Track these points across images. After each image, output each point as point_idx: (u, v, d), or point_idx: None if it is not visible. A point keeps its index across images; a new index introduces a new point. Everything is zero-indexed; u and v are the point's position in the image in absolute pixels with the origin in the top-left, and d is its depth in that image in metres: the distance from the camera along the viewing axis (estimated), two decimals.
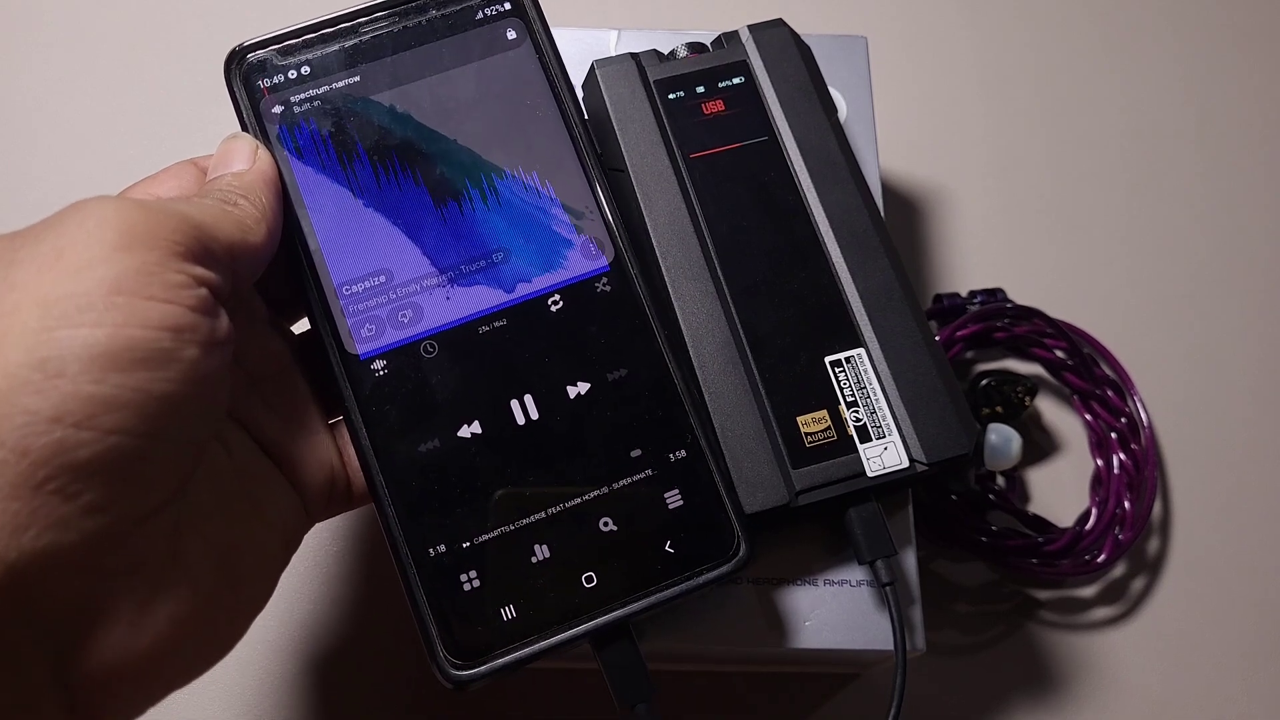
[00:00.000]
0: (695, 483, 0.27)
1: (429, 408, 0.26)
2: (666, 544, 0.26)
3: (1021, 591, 0.39)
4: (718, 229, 0.32)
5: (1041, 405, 0.42)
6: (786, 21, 0.35)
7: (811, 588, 0.30)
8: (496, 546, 0.26)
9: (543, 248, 0.28)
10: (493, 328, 0.27)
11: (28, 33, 0.48)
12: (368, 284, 0.27)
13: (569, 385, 0.27)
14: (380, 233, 0.27)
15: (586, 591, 0.26)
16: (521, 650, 0.25)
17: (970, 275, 0.44)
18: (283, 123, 0.28)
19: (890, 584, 0.29)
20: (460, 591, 0.25)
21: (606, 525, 0.26)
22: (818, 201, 0.32)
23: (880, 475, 0.29)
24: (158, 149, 0.45)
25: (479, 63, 0.29)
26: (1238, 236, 0.46)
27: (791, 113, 0.33)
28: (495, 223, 0.28)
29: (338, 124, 0.28)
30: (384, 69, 0.28)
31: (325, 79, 0.28)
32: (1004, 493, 0.39)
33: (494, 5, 0.29)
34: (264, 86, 0.28)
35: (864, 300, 0.31)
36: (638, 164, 0.32)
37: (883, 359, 0.30)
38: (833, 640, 0.30)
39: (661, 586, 0.26)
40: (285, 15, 0.49)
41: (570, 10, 0.49)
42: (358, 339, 0.27)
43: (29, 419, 0.20)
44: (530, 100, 0.28)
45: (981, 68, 0.49)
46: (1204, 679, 0.38)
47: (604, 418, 0.27)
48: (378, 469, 0.26)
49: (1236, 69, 0.50)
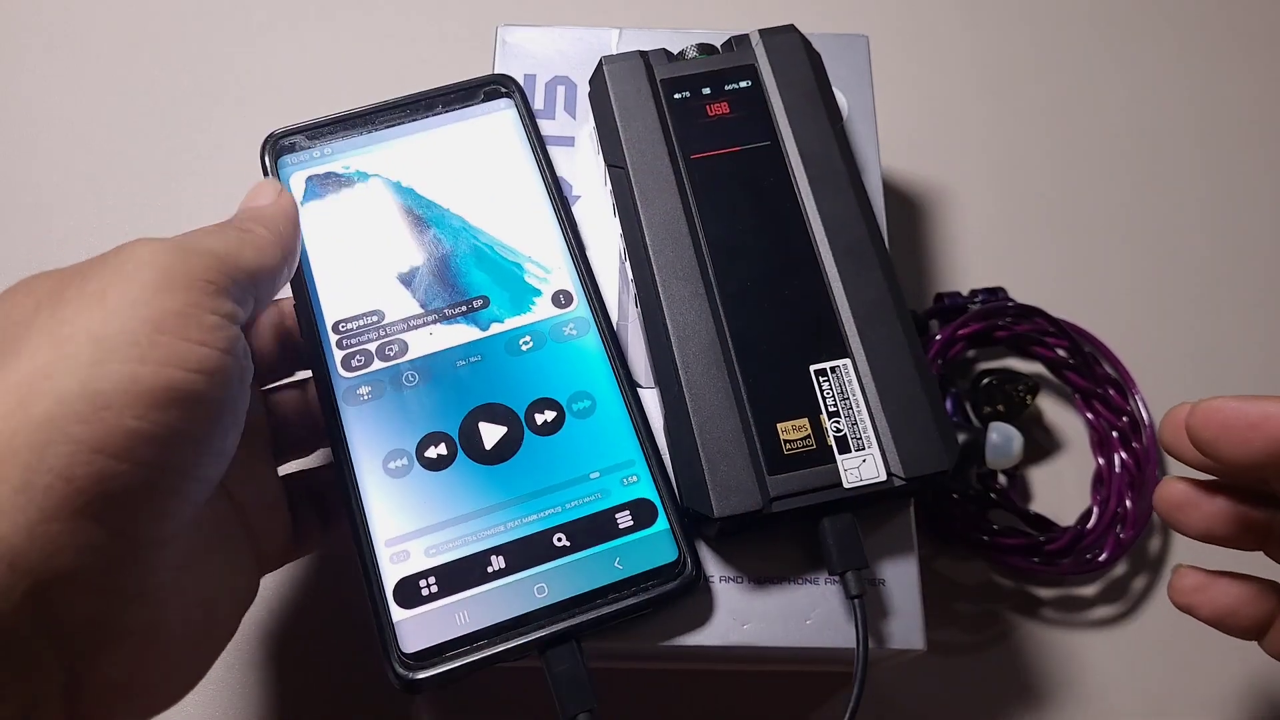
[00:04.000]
0: (645, 506, 0.29)
1: (405, 428, 0.29)
2: (615, 561, 0.28)
3: (1023, 590, 0.39)
4: (713, 231, 0.32)
5: (1043, 404, 0.42)
6: (797, 27, 0.35)
7: (812, 586, 0.30)
8: (457, 557, 0.28)
9: (515, 295, 0.31)
10: (469, 361, 0.30)
11: (27, 33, 0.48)
12: (362, 321, 0.31)
13: (536, 414, 0.30)
14: (376, 279, 0.31)
15: (538, 602, 0.27)
16: (471, 656, 0.27)
17: (971, 274, 0.44)
18: (304, 194, 0.33)
19: (859, 596, 0.28)
20: (419, 597, 0.27)
21: (560, 541, 0.28)
22: (815, 210, 0.32)
23: (857, 487, 0.29)
24: (158, 148, 0.45)
25: (471, 139, 0.33)
26: (1239, 235, 0.46)
27: (796, 119, 0.33)
28: (476, 275, 0.32)
29: (349, 193, 0.33)
30: (392, 149, 0.33)
31: (342, 157, 0.33)
32: (1005, 491, 0.39)
33: (486, 88, 0.34)
34: (291, 162, 0.33)
35: (854, 311, 0.30)
36: (638, 161, 0.32)
37: (868, 371, 0.30)
38: (833, 639, 0.30)
39: (609, 601, 0.28)
40: (285, 15, 0.49)
41: (571, 10, 0.49)
42: (347, 367, 0.30)
43: (75, 448, 0.21)
44: (514, 171, 0.33)
45: (983, 67, 0.49)
46: (1204, 679, 0.38)
47: (564, 443, 0.30)
48: (355, 482, 0.29)
49: (1238, 67, 0.50)
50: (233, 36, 0.48)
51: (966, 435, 0.37)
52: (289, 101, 0.47)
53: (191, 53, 0.48)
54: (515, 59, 0.37)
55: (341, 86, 0.47)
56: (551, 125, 0.36)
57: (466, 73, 0.47)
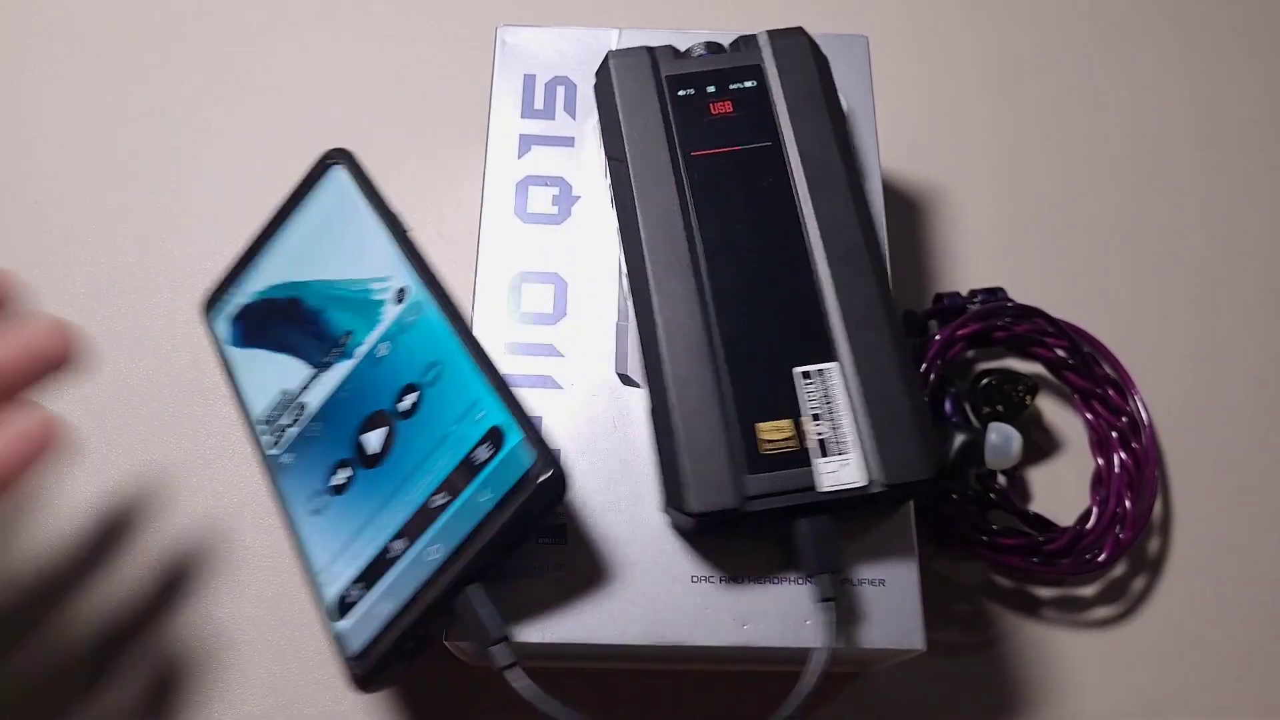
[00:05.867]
0: (496, 433, 0.30)
1: (318, 471, 0.33)
2: (485, 493, 0.29)
3: (1022, 591, 0.39)
4: (708, 228, 0.32)
5: (1042, 404, 0.42)
6: (806, 30, 0.35)
7: (813, 587, 0.30)
8: (369, 558, 0.30)
9: (369, 315, 0.34)
10: (349, 391, 0.33)
11: (27, 33, 0.48)
12: (276, 404, 0.35)
13: (399, 402, 0.32)
14: (280, 365, 0.35)
15: (433, 565, 0.29)
16: (393, 636, 0.29)
17: (971, 274, 0.44)
18: (223, 324, 0.38)
19: (831, 599, 0.28)
20: (350, 605, 0.30)
21: (439, 500, 0.30)
22: (812, 212, 0.32)
23: (834, 491, 0.29)
24: (157, 148, 0.45)
25: (319, 213, 0.36)
26: (1239, 235, 0.46)
27: (798, 121, 0.33)
28: (340, 317, 0.34)
29: (255, 312, 0.37)
30: (274, 258, 0.37)
31: (245, 288, 0.37)
32: (1005, 492, 0.39)
33: (321, 165, 0.37)
34: (218, 313, 0.38)
35: (844, 316, 0.30)
36: (637, 155, 0.32)
37: (854, 376, 0.30)
38: (833, 640, 0.30)
39: (488, 532, 0.28)
40: (285, 15, 0.49)
41: (571, 10, 0.50)
42: (274, 445, 0.34)
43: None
44: (352, 217, 0.36)
45: (982, 67, 0.49)
46: (1204, 679, 0.38)
47: (426, 415, 0.31)
48: (295, 532, 0.33)
49: (1238, 68, 0.50)
50: (232, 36, 0.48)
51: (966, 435, 0.37)
52: (289, 101, 0.47)
53: (191, 53, 0.48)
54: (515, 59, 0.38)
55: (341, 86, 0.47)
56: (551, 125, 0.36)
57: (466, 72, 0.47)
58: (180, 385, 0.41)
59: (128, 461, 0.40)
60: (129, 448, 0.40)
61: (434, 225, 0.44)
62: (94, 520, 0.39)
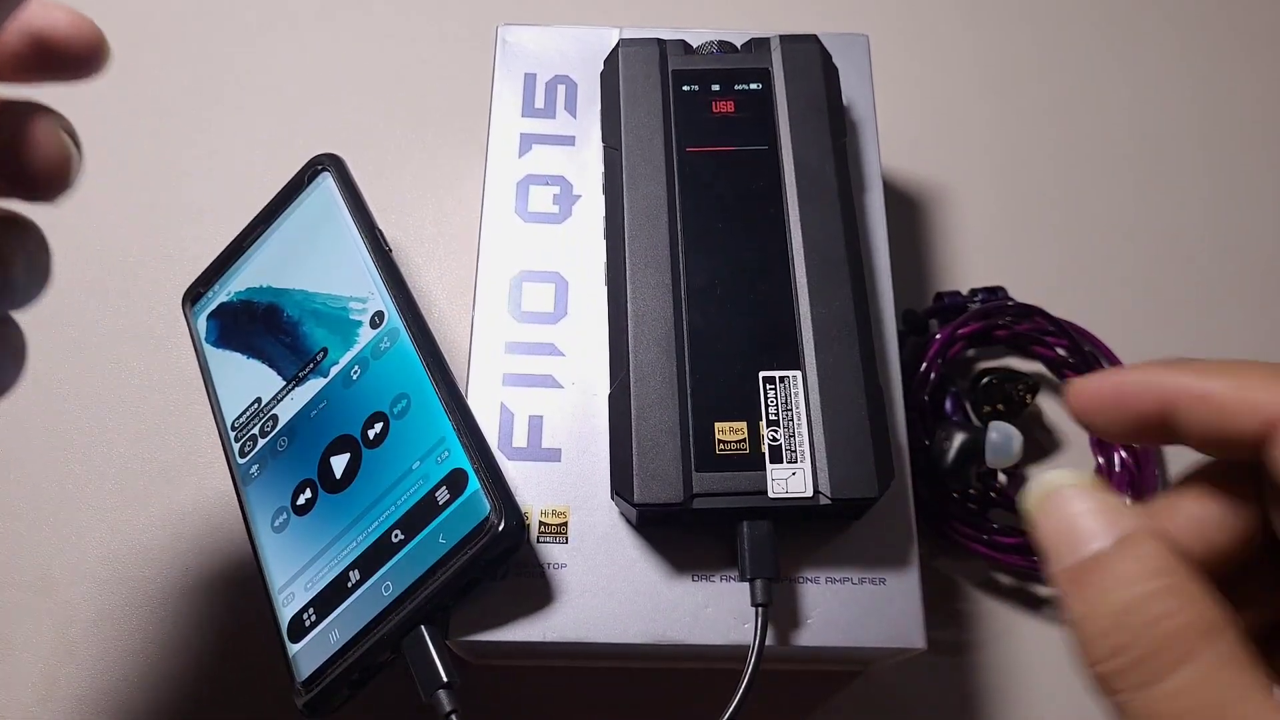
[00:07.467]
0: (457, 476, 0.30)
1: (283, 487, 0.33)
2: (440, 537, 0.29)
3: (1022, 589, 0.39)
4: (692, 225, 0.32)
5: (1043, 403, 0.42)
6: (819, 38, 0.35)
7: (813, 585, 0.30)
8: (325, 584, 0.30)
9: (345, 334, 0.34)
10: (319, 409, 0.33)
11: None
12: (248, 412, 0.35)
13: (369, 430, 0.32)
14: (255, 373, 0.35)
15: (385, 601, 0.29)
16: (341, 668, 0.29)
17: (971, 273, 0.44)
18: (203, 320, 0.38)
19: (764, 605, 0.28)
20: (304, 629, 0.30)
21: (397, 537, 0.30)
22: (798, 220, 0.32)
23: (780, 498, 0.29)
24: (157, 148, 0.45)
25: (304, 221, 0.36)
26: (1240, 235, 0.46)
27: (798, 128, 0.33)
28: (317, 332, 0.34)
29: (233, 313, 0.37)
30: (256, 261, 0.37)
31: (226, 287, 0.37)
32: (1005, 490, 0.39)
33: (309, 172, 0.36)
34: (199, 309, 0.38)
35: (815, 327, 0.30)
36: (632, 145, 0.32)
37: (817, 387, 0.30)
38: (835, 638, 0.30)
39: (438, 578, 0.28)
40: (285, 15, 0.49)
41: (571, 10, 0.50)
42: (243, 454, 0.34)
43: None
44: (335, 230, 0.35)
45: (983, 66, 0.49)
46: None
47: (391, 447, 0.31)
48: (256, 546, 0.32)
49: (1239, 67, 0.50)
50: (232, 36, 0.48)
51: (966, 434, 0.37)
52: (289, 101, 0.47)
53: (191, 53, 0.48)
54: (515, 59, 0.38)
55: (341, 86, 0.47)
56: (552, 124, 0.36)
57: (466, 72, 0.47)
58: (181, 385, 0.41)
59: (127, 459, 0.40)
60: (129, 446, 0.40)
61: (434, 225, 0.44)
62: (94, 519, 0.39)
